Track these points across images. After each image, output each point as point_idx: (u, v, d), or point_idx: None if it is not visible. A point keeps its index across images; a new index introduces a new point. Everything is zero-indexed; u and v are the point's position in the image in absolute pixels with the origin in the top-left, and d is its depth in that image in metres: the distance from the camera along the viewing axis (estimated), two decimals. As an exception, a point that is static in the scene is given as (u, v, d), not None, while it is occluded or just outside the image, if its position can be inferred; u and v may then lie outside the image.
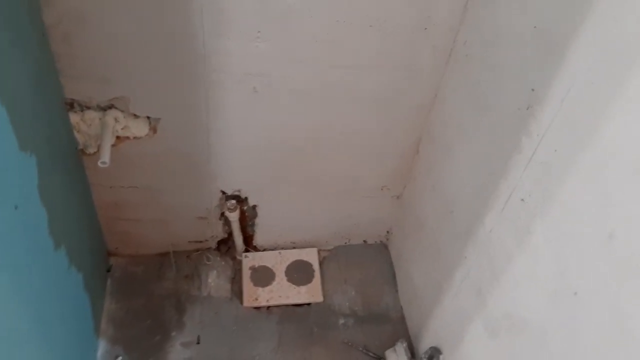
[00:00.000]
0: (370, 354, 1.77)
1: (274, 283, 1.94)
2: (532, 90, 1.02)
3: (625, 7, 0.79)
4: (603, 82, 0.84)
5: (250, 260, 1.98)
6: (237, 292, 1.91)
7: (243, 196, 1.80)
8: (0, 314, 1.01)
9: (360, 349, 1.78)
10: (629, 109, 0.80)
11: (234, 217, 1.82)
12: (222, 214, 1.85)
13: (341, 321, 1.86)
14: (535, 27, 1.01)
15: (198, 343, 1.76)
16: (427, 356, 1.57)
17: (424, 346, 1.65)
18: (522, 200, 1.08)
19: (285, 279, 1.95)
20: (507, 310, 1.17)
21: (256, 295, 1.90)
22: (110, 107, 1.43)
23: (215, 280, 1.92)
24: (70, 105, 1.41)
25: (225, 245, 2.00)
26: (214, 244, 1.98)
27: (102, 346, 1.72)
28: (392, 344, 1.75)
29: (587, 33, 0.88)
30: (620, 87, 0.80)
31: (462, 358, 1.39)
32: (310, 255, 2.02)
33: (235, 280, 1.94)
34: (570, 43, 0.91)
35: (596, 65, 0.86)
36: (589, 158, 0.89)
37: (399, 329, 1.85)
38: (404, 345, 1.70)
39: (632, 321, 0.79)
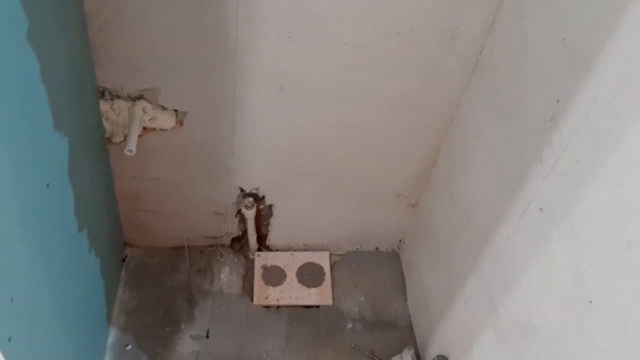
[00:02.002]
0: (377, 359, 1.78)
1: (285, 283, 1.96)
2: (557, 101, 1.04)
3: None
4: (628, 94, 0.86)
5: (262, 259, 2.01)
6: (248, 290, 1.93)
7: (261, 194, 1.83)
8: (28, 289, 1.04)
9: (367, 353, 1.80)
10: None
11: (250, 214, 1.85)
12: (239, 212, 1.88)
13: (349, 325, 1.87)
14: (563, 39, 1.04)
15: (207, 337, 1.78)
16: (434, 363, 1.58)
17: (431, 354, 1.66)
18: (541, 209, 1.09)
19: (296, 280, 1.97)
20: (519, 318, 1.18)
21: (267, 294, 1.91)
22: (140, 97, 1.47)
23: (227, 277, 1.95)
24: (102, 93, 1.45)
25: (239, 242, 2.02)
26: (228, 241, 2.00)
27: (113, 334, 1.75)
28: (399, 351, 1.76)
29: (614, 46, 0.90)
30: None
31: (470, 366, 1.40)
32: (322, 259, 2.04)
33: (247, 278, 1.96)
34: (597, 56, 0.93)
35: (622, 78, 0.88)
36: (610, 169, 0.90)
37: (407, 336, 1.86)
38: (411, 352, 1.71)
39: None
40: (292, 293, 1.93)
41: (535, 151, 1.11)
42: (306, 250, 2.07)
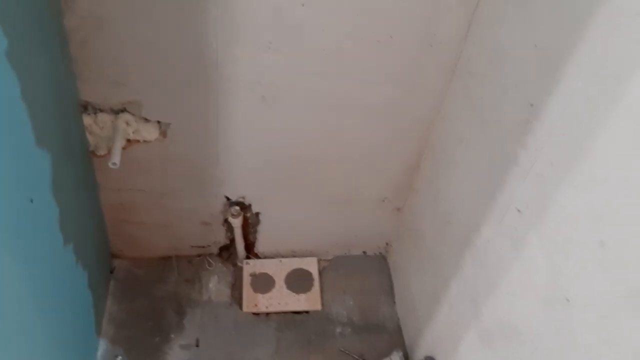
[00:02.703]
0: (366, 362, 1.80)
1: (274, 290, 1.97)
2: (531, 105, 1.07)
3: (618, 29, 0.84)
4: (598, 97, 0.89)
5: (250, 267, 2.02)
6: (237, 298, 1.94)
7: (247, 203, 1.84)
8: (12, 305, 1.05)
9: (357, 357, 1.81)
10: (623, 124, 0.84)
11: (237, 223, 1.86)
12: (226, 220, 1.89)
13: (338, 330, 1.89)
14: (535, 45, 1.06)
15: (197, 346, 1.79)
16: (422, 365, 1.59)
17: (419, 356, 1.68)
18: (519, 211, 1.12)
19: (284, 286, 1.98)
20: (501, 319, 1.20)
21: (256, 302, 1.92)
22: (123, 110, 1.48)
23: (216, 285, 1.95)
24: (84, 107, 1.46)
25: (227, 251, 2.03)
26: (215, 250, 2.01)
27: (102, 346, 1.75)
28: (388, 354, 1.78)
29: (584, 50, 0.92)
30: (616, 102, 0.85)
31: (457, 367, 1.42)
32: (310, 264, 2.05)
33: (236, 286, 1.97)
34: (568, 61, 0.96)
35: (592, 83, 0.90)
36: (583, 171, 0.93)
37: (395, 339, 1.87)
38: (400, 354, 1.73)
39: (622, 324, 0.82)
40: (281, 299, 1.94)
41: (512, 154, 1.13)
42: (294, 256, 2.08)
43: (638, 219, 0.80)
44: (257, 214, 1.89)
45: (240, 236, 1.93)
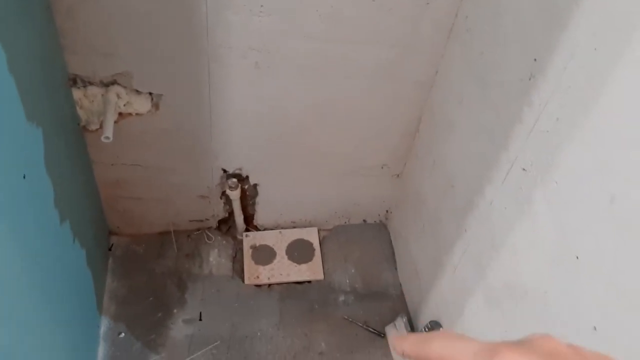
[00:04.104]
0: (371, 329, 1.80)
1: (275, 261, 1.95)
2: (535, 60, 1.04)
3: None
4: (605, 48, 0.86)
5: (251, 240, 2.00)
6: (239, 271, 1.92)
7: (244, 174, 1.81)
8: (10, 285, 1.03)
9: (361, 324, 1.81)
10: (629, 75, 0.81)
11: (235, 195, 1.83)
12: (223, 193, 1.86)
13: (341, 298, 1.88)
14: (537, -3, 1.03)
15: (200, 320, 1.78)
16: (427, 330, 1.59)
17: (423, 320, 1.68)
18: (524, 169, 1.10)
19: (286, 257, 1.97)
20: (507, 280, 1.19)
21: (257, 274, 1.91)
22: (113, 83, 1.44)
23: (216, 259, 1.94)
24: (73, 81, 1.42)
25: (226, 224, 2.01)
26: (214, 223, 1.99)
27: (104, 323, 1.74)
28: (391, 320, 1.78)
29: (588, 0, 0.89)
30: (621, 53, 0.82)
31: (463, 329, 1.42)
32: (311, 235, 2.04)
33: (237, 259, 1.96)
34: (572, 10, 0.92)
35: (598, 32, 0.87)
36: (590, 125, 0.90)
37: (398, 305, 1.87)
38: (404, 320, 1.73)
39: (633, 277, 0.81)
40: (283, 271, 1.93)
41: (515, 112, 1.11)
42: (294, 227, 2.06)
43: (649, 171, 0.78)
44: (255, 185, 1.87)
45: (238, 209, 1.91)
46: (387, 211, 2.06)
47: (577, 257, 0.94)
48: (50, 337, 1.29)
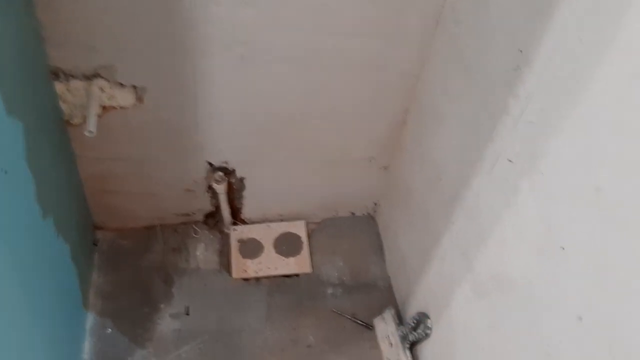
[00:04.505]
0: (359, 322, 1.80)
1: (263, 255, 1.95)
2: (520, 51, 1.03)
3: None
4: (590, 39, 0.85)
5: (238, 233, 1.99)
6: (226, 265, 1.91)
7: (230, 168, 1.80)
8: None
9: (349, 317, 1.81)
10: (614, 66, 0.81)
11: (221, 189, 1.82)
12: (210, 187, 1.85)
13: (330, 291, 1.88)
14: (523, -13, 1.02)
15: (187, 314, 1.77)
16: (414, 321, 1.59)
17: (411, 312, 1.68)
18: (510, 161, 1.09)
19: (273, 251, 1.96)
20: (493, 271, 1.19)
21: (245, 267, 1.90)
22: (96, 76, 1.42)
23: (203, 253, 1.93)
24: (56, 74, 1.40)
25: (212, 218, 2.00)
26: (201, 217, 1.98)
27: (90, 319, 1.72)
28: (380, 312, 1.78)
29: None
30: (606, 44, 0.82)
31: (450, 321, 1.42)
32: (299, 228, 2.03)
33: (224, 253, 1.95)
34: (557, 0, 0.92)
35: (583, 23, 0.87)
36: (575, 116, 0.90)
37: (387, 297, 1.87)
38: (392, 312, 1.72)
39: (618, 267, 0.81)
40: (271, 264, 1.93)
41: (501, 103, 1.10)
42: (282, 220, 2.05)
43: (634, 162, 0.78)
44: (242, 179, 1.85)
45: (225, 202, 1.90)
46: (375, 204, 2.06)
47: (563, 248, 0.94)
48: (35, 333, 1.28)
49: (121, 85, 1.45)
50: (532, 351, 1.04)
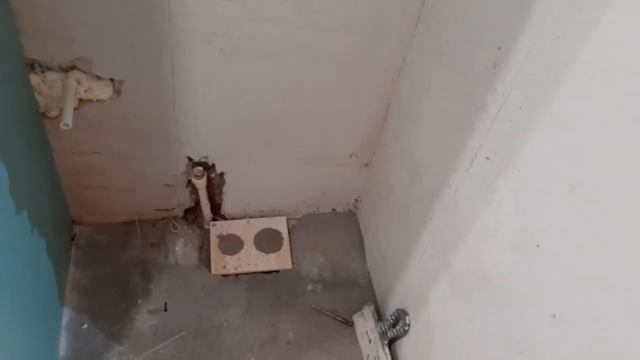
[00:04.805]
0: (339, 318, 1.80)
1: (243, 251, 1.93)
2: (499, 48, 1.03)
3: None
4: (566, 36, 0.86)
5: (218, 229, 1.97)
6: (205, 261, 1.90)
7: (210, 163, 1.78)
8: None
9: (329, 313, 1.80)
10: (590, 64, 0.81)
11: (201, 184, 1.80)
12: (189, 182, 1.83)
13: (310, 287, 1.88)
14: (502, -16, 1.02)
15: (165, 310, 1.75)
16: (393, 318, 1.60)
17: (390, 309, 1.68)
18: (487, 158, 1.10)
19: (253, 247, 1.95)
20: (471, 267, 1.20)
21: (224, 263, 1.89)
22: (73, 68, 1.40)
23: (182, 249, 1.91)
24: (31, 66, 1.37)
25: (192, 213, 1.98)
26: (180, 213, 1.96)
27: (66, 314, 1.70)
28: (359, 308, 1.78)
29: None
30: (582, 42, 0.82)
31: (428, 317, 1.42)
32: (279, 224, 2.02)
33: (203, 249, 1.93)
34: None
35: (560, 20, 0.87)
36: (552, 113, 0.90)
37: (367, 294, 1.87)
38: (371, 308, 1.72)
39: (592, 265, 0.82)
40: (251, 260, 1.92)
41: (480, 100, 1.11)
42: (262, 216, 2.04)
43: (608, 161, 0.78)
44: (222, 174, 1.84)
45: (205, 198, 1.88)
46: (356, 200, 2.06)
47: (538, 246, 0.94)
48: (9, 330, 1.25)
49: (98, 78, 1.43)
50: (509, 347, 1.05)
